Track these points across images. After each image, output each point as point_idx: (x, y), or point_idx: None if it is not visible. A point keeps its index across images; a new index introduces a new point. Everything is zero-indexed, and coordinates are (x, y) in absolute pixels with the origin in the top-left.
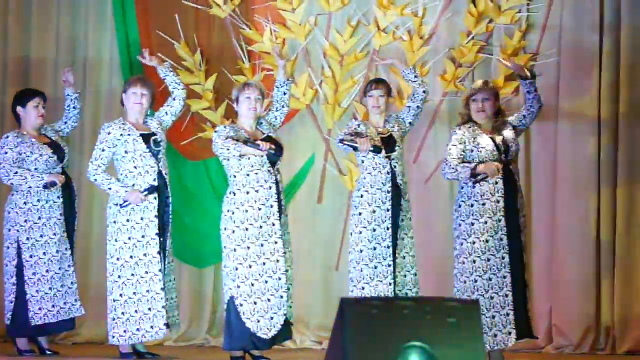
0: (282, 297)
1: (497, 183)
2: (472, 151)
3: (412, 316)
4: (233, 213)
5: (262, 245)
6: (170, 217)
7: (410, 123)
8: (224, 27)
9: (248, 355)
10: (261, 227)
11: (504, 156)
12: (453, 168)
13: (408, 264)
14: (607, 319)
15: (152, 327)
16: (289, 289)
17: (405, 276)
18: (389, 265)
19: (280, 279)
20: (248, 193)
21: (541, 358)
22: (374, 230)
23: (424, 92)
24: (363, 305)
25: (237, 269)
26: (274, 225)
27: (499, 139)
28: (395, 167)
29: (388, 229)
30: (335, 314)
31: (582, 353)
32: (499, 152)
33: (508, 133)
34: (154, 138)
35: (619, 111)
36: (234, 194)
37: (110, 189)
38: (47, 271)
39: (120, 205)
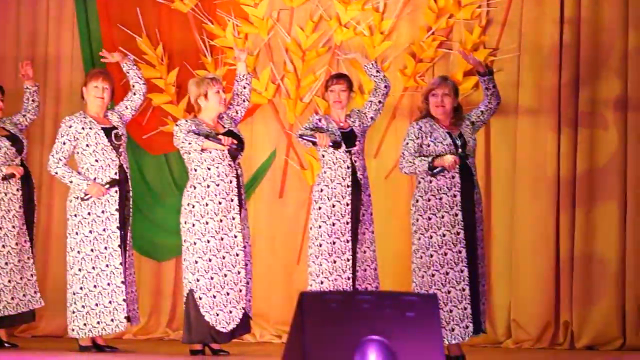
0: (241, 290)
1: (453, 177)
2: (428, 145)
3: (370, 310)
4: (193, 206)
5: (221, 239)
6: (131, 210)
7: (371, 118)
8: (186, 22)
9: (207, 349)
10: (221, 220)
11: (460, 151)
12: (410, 162)
13: (368, 259)
14: (566, 314)
15: (112, 320)
16: (248, 282)
17: (365, 270)
18: (348, 260)
19: (239, 272)
20: (208, 187)
21: (500, 352)
22: (333, 225)
23: (385, 86)
24: (322, 299)
25: (196, 262)
26: (233, 219)
27: (455, 134)
28: (355, 161)
29: (347, 223)
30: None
31: (541, 348)
32: (456, 147)
33: (465, 128)
34: (115, 132)
35: (578, 106)
36: (194, 188)
37: (71, 182)
38: (6, 263)
39: (82, 198)
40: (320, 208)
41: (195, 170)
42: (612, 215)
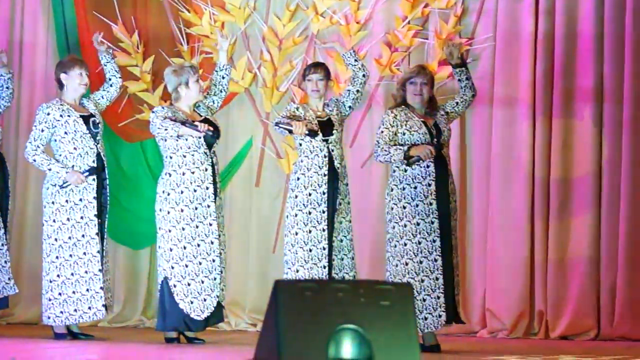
0: (215, 278)
1: (428, 166)
2: (404, 134)
3: (345, 299)
4: (168, 194)
5: (196, 227)
6: (107, 198)
7: (349, 107)
8: (162, 9)
9: (182, 337)
10: (196, 208)
11: (435, 140)
12: (385, 150)
13: (345, 247)
14: (541, 304)
15: (89, 308)
16: (222, 271)
17: (342, 259)
18: (324, 249)
19: (214, 260)
20: (184, 174)
21: (475, 342)
22: (310, 213)
23: (364, 75)
24: (297, 287)
25: (171, 250)
26: (208, 207)
27: (430, 123)
28: (332, 150)
29: (324, 212)
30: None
31: (516, 337)
32: (431, 136)
33: (440, 118)
34: (93, 119)
35: (553, 97)
36: (170, 175)
37: (50, 169)
38: None
39: (60, 185)
40: (296, 196)
41: (171, 157)
42: (586, 206)
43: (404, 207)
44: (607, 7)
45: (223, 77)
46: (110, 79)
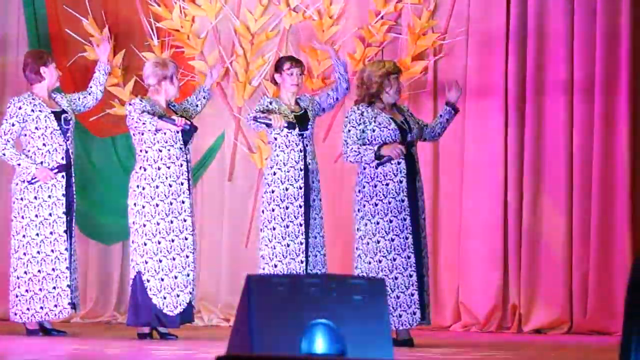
0: (188, 275)
1: (399, 163)
2: (373, 130)
3: (317, 293)
4: (143, 188)
5: (171, 222)
6: (74, 196)
7: (323, 109)
8: (132, 3)
9: (155, 332)
10: (171, 203)
11: (409, 136)
12: (355, 151)
13: (318, 244)
14: (514, 298)
15: (55, 306)
16: (193, 271)
17: (316, 256)
18: (301, 243)
19: (187, 256)
20: (159, 169)
21: (448, 336)
22: (287, 208)
23: (347, 88)
24: (269, 282)
25: (145, 244)
26: (183, 202)
27: (399, 119)
28: (307, 145)
29: (300, 206)
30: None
31: (489, 331)
32: (402, 132)
33: (409, 116)
34: (64, 115)
35: (525, 90)
36: (144, 169)
37: (19, 164)
38: None
39: (29, 181)
40: (273, 191)
41: (146, 152)
42: (559, 199)
43: (376, 204)
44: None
45: (203, 98)
46: (91, 87)
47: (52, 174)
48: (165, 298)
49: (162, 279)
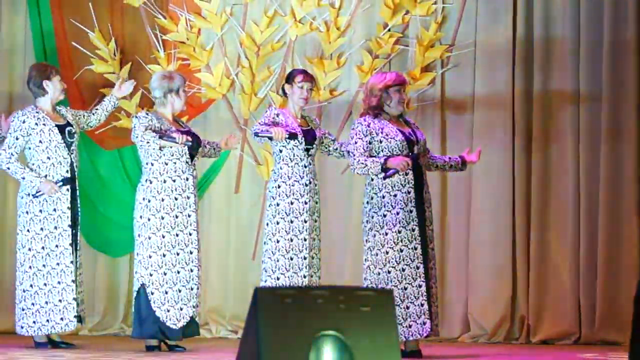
0: (192, 289)
1: (407, 174)
2: (380, 142)
3: (325, 305)
4: (149, 201)
5: (177, 235)
6: (79, 209)
7: (322, 151)
8: (138, 16)
9: (163, 344)
10: (177, 216)
11: (415, 147)
12: (362, 163)
13: (315, 266)
14: (522, 309)
15: (61, 319)
16: (199, 287)
17: (312, 276)
18: (304, 258)
19: (192, 270)
20: (165, 182)
21: (456, 347)
22: (292, 222)
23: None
24: (277, 294)
25: (150, 257)
26: (189, 216)
27: (407, 130)
28: (310, 163)
29: (305, 221)
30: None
31: (497, 342)
32: (409, 144)
33: (415, 128)
34: (68, 129)
35: (532, 101)
36: (150, 182)
37: (23, 178)
38: None
39: (33, 195)
40: (278, 204)
41: (152, 164)
42: (566, 210)
43: (385, 215)
44: (583, 11)
45: (112, 107)
46: (97, 110)
47: (57, 187)
48: (169, 311)
49: (166, 292)
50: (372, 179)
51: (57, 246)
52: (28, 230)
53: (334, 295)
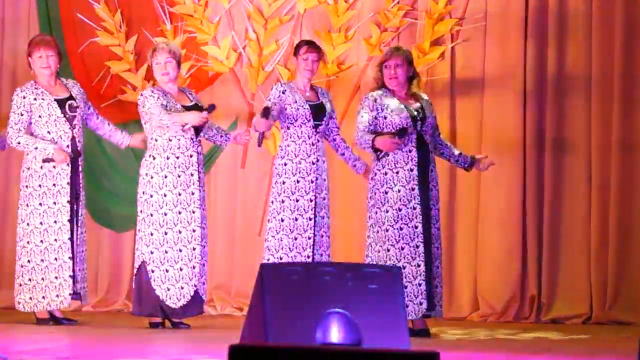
0: (194, 267)
1: (410, 151)
2: (385, 118)
3: (332, 282)
4: (152, 177)
5: (179, 213)
6: (81, 185)
7: (332, 137)
8: None
9: (167, 321)
10: (179, 194)
11: (419, 124)
12: (360, 137)
13: (324, 244)
14: (533, 288)
15: (57, 296)
16: (203, 265)
17: (321, 255)
18: (309, 238)
19: (194, 249)
20: (168, 158)
21: (465, 325)
22: (297, 201)
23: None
24: (283, 271)
25: (152, 234)
26: (193, 194)
27: (414, 106)
28: (318, 140)
29: (311, 200)
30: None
31: (507, 321)
32: (414, 120)
33: (427, 104)
34: (70, 102)
35: (545, 76)
36: (153, 158)
37: (36, 147)
38: None
39: (43, 160)
40: (284, 182)
41: (156, 140)
42: (578, 189)
43: (386, 193)
44: None
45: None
46: (109, 125)
47: (68, 160)
48: (168, 289)
49: (167, 270)
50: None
51: (55, 222)
52: (27, 205)
53: (341, 272)
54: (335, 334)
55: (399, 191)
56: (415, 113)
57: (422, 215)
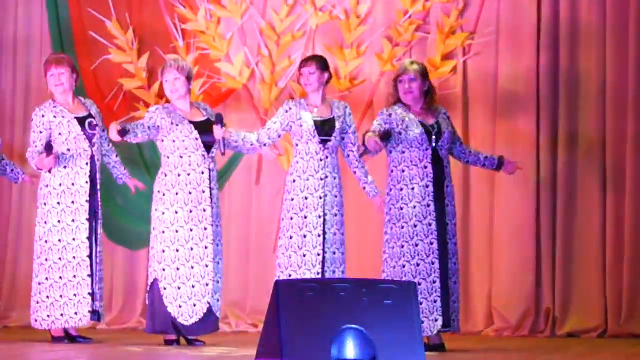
0: (207, 284)
1: (426, 167)
2: (400, 134)
3: (348, 298)
4: (164, 194)
5: (191, 230)
6: (100, 203)
7: (346, 153)
8: (157, 5)
9: (182, 339)
10: (191, 211)
11: (435, 139)
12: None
13: (338, 260)
14: (547, 301)
15: (75, 314)
16: (218, 282)
17: (334, 272)
18: (318, 255)
19: (207, 266)
20: (179, 175)
21: (480, 340)
22: (305, 217)
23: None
24: (298, 288)
25: (163, 252)
26: (204, 211)
27: (430, 122)
28: (328, 157)
29: (320, 217)
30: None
31: (522, 335)
32: (429, 135)
33: (443, 119)
34: (89, 121)
35: (558, 89)
36: (165, 175)
37: (35, 166)
38: None
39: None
40: (292, 199)
41: (168, 157)
42: (592, 202)
43: (401, 209)
44: None
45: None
46: (116, 156)
47: (49, 160)
48: (181, 307)
49: (179, 288)
50: (392, 171)
51: (74, 239)
52: (45, 222)
53: (356, 288)
54: (350, 350)
55: (415, 207)
56: (431, 128)
57: (437, 231)
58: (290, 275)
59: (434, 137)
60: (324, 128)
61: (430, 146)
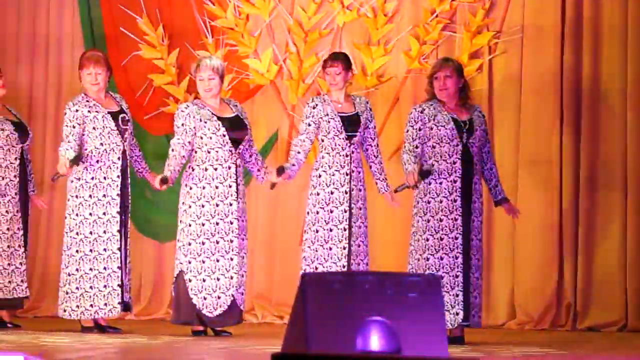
0: (232, 277)
1: (454, 163)
2: (431, 129)
3: (373, 291)
4: (190, 188)
5: (217, 224)
6: (129, 196)
7: (366, 146)
8: (187, 2)
9: (209, 329)
10: (217, 205)
11: (465, 135)
12: (403, 158)
13: (362, 252)
14: (569, 296)
15: (105, 305)
16: (242, 275)
17: (359, 264)
18: (344, 248)
19: (232, 259)
20: (206, 170)
21: (502, 333)
22: (331, 212)
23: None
24: (324, 281)
25: (189, 244)
26: (231, 205)
27: (463, 118)
28: (353, 152)
29: (345, 211)
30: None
31: (543, 329)
32: (460, 131)
33: (477, 117)
34: (122, 116)
35: (581, 88)
36: (193, 169)
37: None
38: None
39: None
40: (318, 194)
41: (196, 152)
42: (614, 199)
43: (428, 202)
44: None
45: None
46: (139, 153)
47: (67, 165)
48: (205, 299)
49: (204, 280)
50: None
51: (104, 232)
52: (77, 215)
53: (381, 281)
54: (375, 342)
55: (441, 202)
56: (463, 124)
57: (463, 226)
58: (316, 268)
59: (465, 133)
60: (350, 123)
61: (460, 142)
